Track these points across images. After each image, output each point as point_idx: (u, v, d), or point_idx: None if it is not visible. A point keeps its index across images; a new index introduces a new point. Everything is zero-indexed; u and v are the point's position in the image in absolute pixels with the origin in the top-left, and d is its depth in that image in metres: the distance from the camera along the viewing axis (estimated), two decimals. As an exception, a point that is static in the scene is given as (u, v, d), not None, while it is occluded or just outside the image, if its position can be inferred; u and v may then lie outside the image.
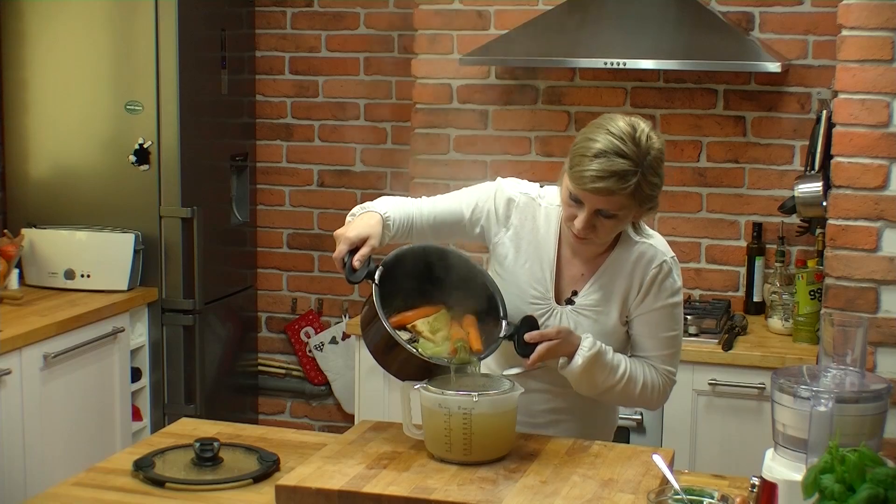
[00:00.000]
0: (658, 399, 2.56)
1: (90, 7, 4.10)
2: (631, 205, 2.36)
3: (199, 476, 2.32)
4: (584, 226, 2.37)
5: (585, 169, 2.31)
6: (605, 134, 2.33)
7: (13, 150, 4.22)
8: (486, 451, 2.30)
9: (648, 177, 2.33)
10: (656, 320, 2.51)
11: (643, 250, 2.51)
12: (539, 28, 3.82)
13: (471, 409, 2.26)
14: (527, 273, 2.53)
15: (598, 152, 2.31)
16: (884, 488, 1.70)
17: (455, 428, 2.27)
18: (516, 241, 2.55)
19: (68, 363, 3.69)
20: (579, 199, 2.35)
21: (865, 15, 2.96)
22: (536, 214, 2.55)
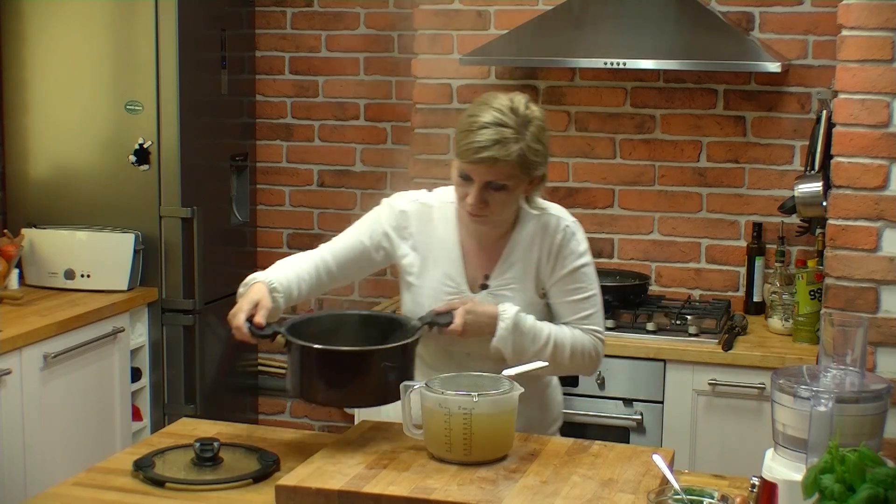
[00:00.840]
0: (591, 362, 2.63)
1: (90, 7, 4.10)
2: (518, 174, 2.44)
3: (199, 476, 2.33)
4: (475, 200, 2.44)
5: (471, 142, 2.40)
6: (487, 108, 2.43)
7: (13, 150, 4.21)
8: (486, 451, 2.30)
9: (531, 144, 2.43)
10: (570, 285, 2.59)
11: (544, 220, 2.60)
12: (539, 28, 3.82)
13: (471, 409, 2.26)
14: (438, 274, 2.59)
15: (482, 125, 2.40)
16: (884, 488, 1.70)
17: (455, 428, 2.27)
18: (420, 248, 2.60)
19: (68, 363, 3.69)
20: (468, 175, 2.44)
21: (865, 15, 2.96)
22: (432, 216, 2.62)
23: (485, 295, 2.58)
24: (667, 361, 3.55)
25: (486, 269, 2.60)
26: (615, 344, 3.57)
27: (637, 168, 4.08)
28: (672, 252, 4.07)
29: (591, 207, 4.12)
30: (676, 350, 3.54)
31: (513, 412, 2.35)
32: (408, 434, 2.38)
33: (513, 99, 2.46)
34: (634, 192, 4.08)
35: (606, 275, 3.97)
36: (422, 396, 2.32)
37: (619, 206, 4.10)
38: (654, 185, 4.06)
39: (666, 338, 3.58)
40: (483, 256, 2.60)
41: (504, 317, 2.50)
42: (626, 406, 3.59)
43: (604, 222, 4.12)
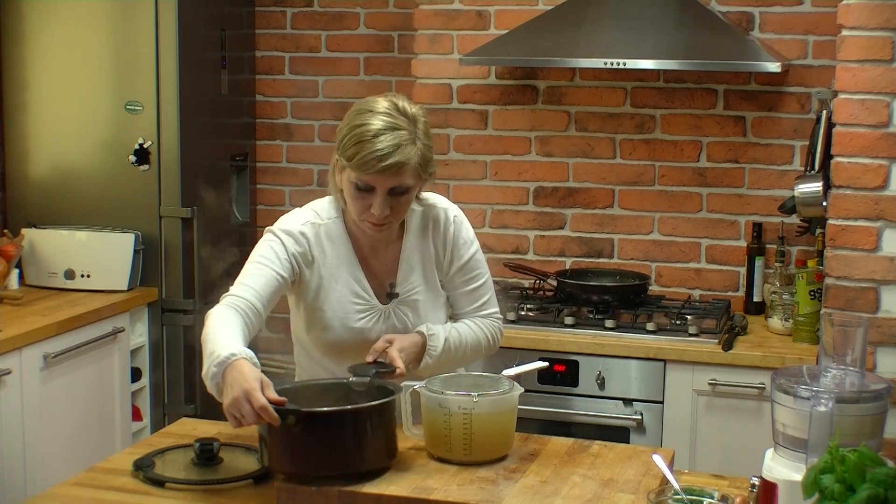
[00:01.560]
0: (495, 347, 2.69)
1: (90, 7, 4.10)
2: (419, 174, 2.41)
3: (199, 476, 2.32)
4: (382, 210, 2.38)
5: (370, 152, 2.32)
6: (373, 115, 2.36)
7: (13, 150, 4.21)
8: (486, 451, 2.30)
9: (425, 141, 2.40)
10: (466, 276, 2.61)
11: (432, 214, 2.58)
12: (539, 28, 3.82)
13: (471, 409, 2.26)
14: (344, 292, 2.52)
15: (377, 132, 2.33)
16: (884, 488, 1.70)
17: (455, 428, 2.27)
18: (322, 270, 2.51)
19: (68, 363, 3.69)
20: (369, 185, 2.36)
21: (865, 15, 2.96)
22: (321, 236, 2.52)
23: (395, 305, 2.55)
24: (667, 361, 3.55)
25: (388, 276, 2.56)
26: (615, 344, 3.57)
27: (637, 168, 4.07)
28: (672, 252, 4.07)
29: (591, 207, 4.12)
30: (676, 350, 3.53)
31: (513, 412, 2.35)
32: (408, 434, 2.38)
33: (393, 100, 2.41)
34: (634, 192, 4.08)
35: (606, 275, 3.98)
36: (422, 396, 2.32)
37: (619, 206, 4.10)
38: (654, 185, 4.06)
39: (666, 338, 3.58)
40: (381, 264, 2.55)
41: (432, 347, 2.51)
42: (626, 406, 3.59)
43: (604, 222, 4.12)
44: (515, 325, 3.67)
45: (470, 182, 4.21)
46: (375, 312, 2.54)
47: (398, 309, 2.56)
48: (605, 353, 3.58)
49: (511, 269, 4.06)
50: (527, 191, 4.17)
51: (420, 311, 2.56)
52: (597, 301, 3.78)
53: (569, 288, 3.86)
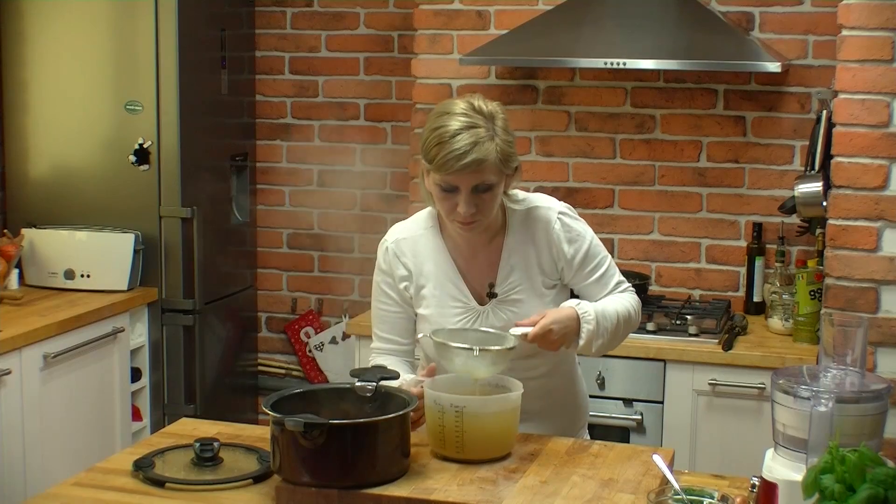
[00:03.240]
0: (639, 312, 2.65)
1: (90, 7, 4.10)
2: (500, 170, 2.43)
3: (199, 476, 2.32)
4: (468, 207, 2.41)
5: (449, 152, 2.37)
6: (450, 117, 2.41)
7: (13, 150, 4.22)
8: (479, 451, 2.30)
9: (504, 137, 2.43)
10: (588, 267, 2.59)
11: (535, 215, 2.59)
12: (539, 28, 3.82)
13: (462, 408, 2.27)
14: (442, 296, 2.56)
15: (455, 132, 2.38)
16: (884, 488, 1.70)
17: (448, 425, 2.28)
18: (419, 279, 2.58)
19: (68, 363, 3.69)
20: (452, 185, 2.41)
21: (865, 15, 2.96)
22: (417, 246, 2.59)
23: (494, 305, 2.55)
24: (667, 361, 3.55)
25: (488, 277, 2.57)
26: (615, 344, 3.57)
27: (637, 168, 4.08)
28: (672, 252, 4.07)
29: (591, 207, 4.12)
30: (676, 350, 3.54)
31: (510, 414, 2.34)
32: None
33: (470, 100, 2.45)
34: (634, 192, 4.08)
35: (606, 275, 3.98)
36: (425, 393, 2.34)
37: (619, 206, 4.10)
38: (654, 185, 4.06)
39: (666, 338, 3.58)
40: (480, 266, 2.57)
41: (587, 318, 2.48)
42: (626, 406, 3.59)
43: (604, 222, 4.12)
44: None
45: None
46: (473, 314, 2.55)
47: (497, 309, 2.55)
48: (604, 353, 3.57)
49: (511, 269, 4.06)
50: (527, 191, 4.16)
51: (521, 312, 2.53)
52: (597, 301, 3.77)
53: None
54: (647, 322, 3.63)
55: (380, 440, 2.18)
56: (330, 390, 2.46)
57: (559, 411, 2.67)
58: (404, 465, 2.24)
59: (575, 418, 2.73)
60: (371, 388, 2.31)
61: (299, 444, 2.15)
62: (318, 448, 2.14)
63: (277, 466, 2.21)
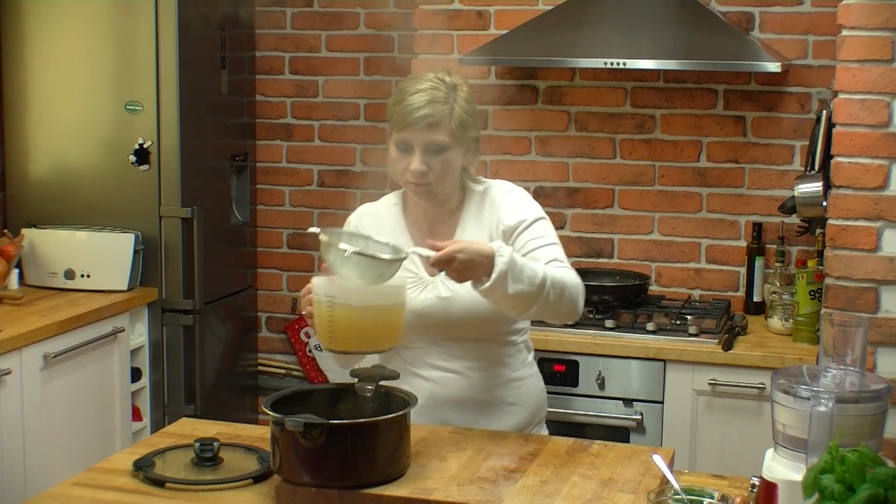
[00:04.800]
0: (579, 297, 2.51)
1: (90, 7, 4.09)
2: (455, 133, 2.50)
3: (199, 476, 2.32)
4: (419, 165, 2.49)
5: (405, 106, 2.48)
6: (416, 81, 2.54)
7: (13, 150, 4.22)
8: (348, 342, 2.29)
9: (462, 104, 2.52)
10: (529, 237, 2.56)
11: (491, 193, 2.64)
12: (539, 28, 3.82)
13: (333, 298, 2.26)
14: None
15: (414, 91, 2.50)
16: (884, 488, 1.70)
17: (321, 314, 2.28)
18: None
19: (68, 363, 3.69)
20: (407, 142, 2.50)
21: (865, 15, 2.96)
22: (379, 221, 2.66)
23: (442, 277, 2.52)
24: (667, 361, 3.55)
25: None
26: (615, 344, 3.57)
27: (637, 168, 4.08)
28: (672, 252, 4.07)
29: (591, 207, 4.12)
30: (676, 350, 3.54)
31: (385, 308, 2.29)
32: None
33: (438, 73, 2.56)
34: (634, 192, 4.08)
35: (606, 275, 3.98)
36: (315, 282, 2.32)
37: (619, 206, 4.11)
38: (654, 185, 4.06)
39: (666, 338, 3.58)
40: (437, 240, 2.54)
41: (501, 253, 2.34)
42: (626, 406, 3.59)
43: (604, 222, 4.12)
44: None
45: (470, 182, 4.20)
46: (421, 284, 2.58)
47: (446, 280, 2.51)
48: (605, 353, 3.58)
49: (511, 269, 4.06)
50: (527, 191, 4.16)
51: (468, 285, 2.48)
52: (597, 301, 3.78)
53: (569, 288, 3.85)
54: (647, 322, 3.64)
55: (380, 440, 2.18)
56: (330, 390, 2.46)
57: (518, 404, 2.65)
58: (404, 465, 2.24)
59: (534, 412, 2.71)
60: (371, 388, 2.31)
61: (299, 444, 2.15)
62: (318, 448, 2.14)
63: (277, 466, 2.21)
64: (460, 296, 2.54)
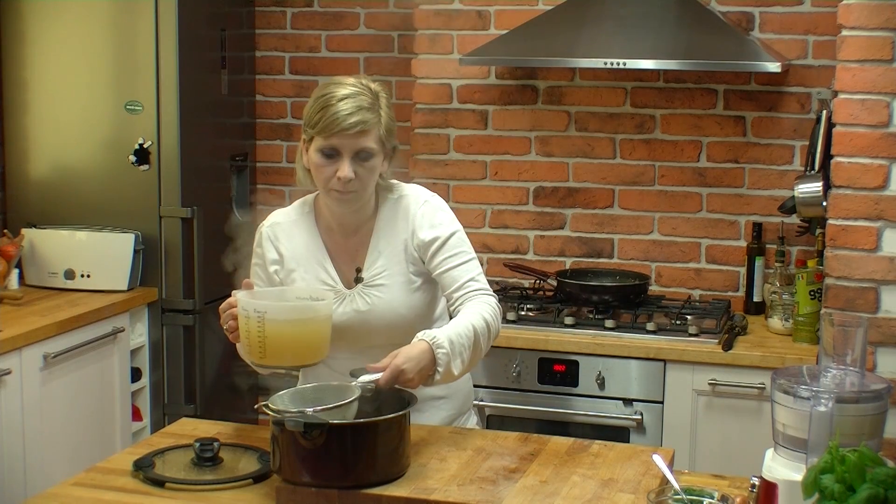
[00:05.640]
0: (498, 320, 2.56)
1: (90, 7, 4.09)
2: (382, 141, 2.50)
3: (199, 476, 2.32)
4: (348, 172, 2.46)
5: (335, 113, 2.43)
6: (338, 86, 2.49)
7: (13, 150, 4.22)
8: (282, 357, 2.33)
9: (387, 111, 2.52)
10: (446, 254, 2.57)
11: (404, 203, 2.63)
12: (539, 28, 3.82)
13: (264, 314, 2.28)
14: (312, 280, 2.60)
15: (341, 97, 2.46)
16: (884, 488, 1.70)
17: (250, 330, 2.30)
18: (290, 263, 2.62)
19: (68, 363, 3.69)
20: (335, 149, 2.46)
21: (865, 15, 2.96)
22: (292, 230, 2.65)
23: (360, 289, 2.58)
24: (667, 361, 3.55)
25: (357, 262, 2.61)
26: (615, 344, 3.57)
27: (637, 168, 4.08)
28: (672, 252, 4.07)
29: (591, 207, 4.12)
30: (676, 350, 3.54)
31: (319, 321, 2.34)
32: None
33: (358, 78, 2.55)
34: (634, 192, 4.08)
35: (606, 275, 3.98)
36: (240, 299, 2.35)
37: (619, 206, 4.11)
38: (654, 185, 4.06)
39: (666, 338, 3.58)
40: (350, 251, 2.62)
41: (439, 345, 2.36)
42: (626, 406, 3.59)
43: (604, 222, 4.12)
44: (515, 325, 3.67)
45: (470, 182, 4.21)
46: (339, 297, 2.58)
47: (363, 293, 2.58)
48: (605, 353, 3.58)
49: (511, 269, 4.06)
50: (527, 191, 4.17)
51: (386, 297, 2.58)
52: (597, 301, 3.78)
53: (569, 288, 3.86)
54: (647, 322, 3.63)
55: (380, 440, 2.18)
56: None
57: (451, 396, 2.70)
58: (404, 465, 2.24)
59: (463, 402, 2.75)
60: (371, 388, 2.31)
61: (299, 444, 2.15)
62: (318, 448, 2.14)
63: (277, 466, 2.21)
64: (377, 308, 2.57)
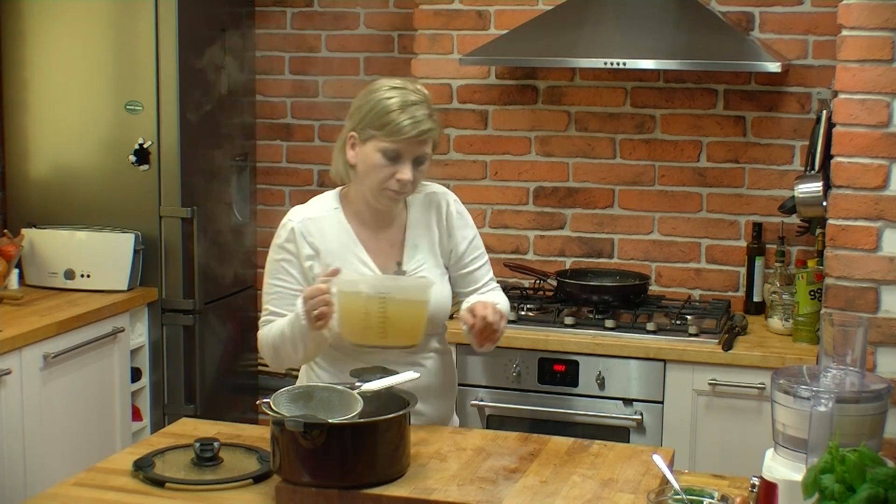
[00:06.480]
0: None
1: (90, 7, 4.09)
2: (433, 148, 2.62)
3: (199, 476, 2.33)
4: (410, 175, 2.55)
5: (403, 121, 2.51)
6: (399, 90, 2.57)
7: (13, 150, 4.22)
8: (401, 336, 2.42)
9: (437, 119, 2.62)
10: (470, 256, 2.77)
11: (433, 200, 2.75)
12: (539, 28, 3.82)
13: (386, 294, 2.37)
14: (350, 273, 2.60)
15: (403, 104, 2.53)
16: (884, 488, 1.70)
17: (370, 311, 2.36)
18: (327, 258, 2.62)
19: (68, 363, 3.69)
20: (399, 152, 2.53)
21: (865, 15, 2.96)
22: (323, 226, 2.66)
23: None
24: (667, 361, 3.55)
25: (394, 256, 2.67)
26: (615, 344, 3.57)
27: (637, 168, 4.08)
28: (672, 252, 4.08)
29: (591, 207, 4.12)
30: (676, 350, 3.54)
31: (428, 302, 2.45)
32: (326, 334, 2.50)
33: (405, 80, 2.63)
34: (634, 192, 4.08)
35: (606, 275, 3.98)
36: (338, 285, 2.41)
37: (619, 206, 4.10)
38: (654, 185, 4.06)
39: (666, 338, 3.58)
40: (383, 246, 2.68)
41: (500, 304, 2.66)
42: (626, 406, 3.59)
43: (604, 222, 4.12)
44: (515, 325, 3.67)
45: (470, 182, 4.21)
46: None
47: None
48: (605, 353, 3.58)
49: (511, 269, 4.06)
50: (527, 191, 4.17)
51: None
52: (597, 301, 3.78)
53: (569, 288, 3.86)
54: (647, 322, 3.63)
55: (380, 440, 2.18)
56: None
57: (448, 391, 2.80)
58: (404, 465, 2.24)
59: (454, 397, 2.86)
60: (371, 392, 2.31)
61: (299, 444, 2.15)
62: (318, 448, 2.14)
63: (277, 466, 2.22)
64: None
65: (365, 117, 2.55)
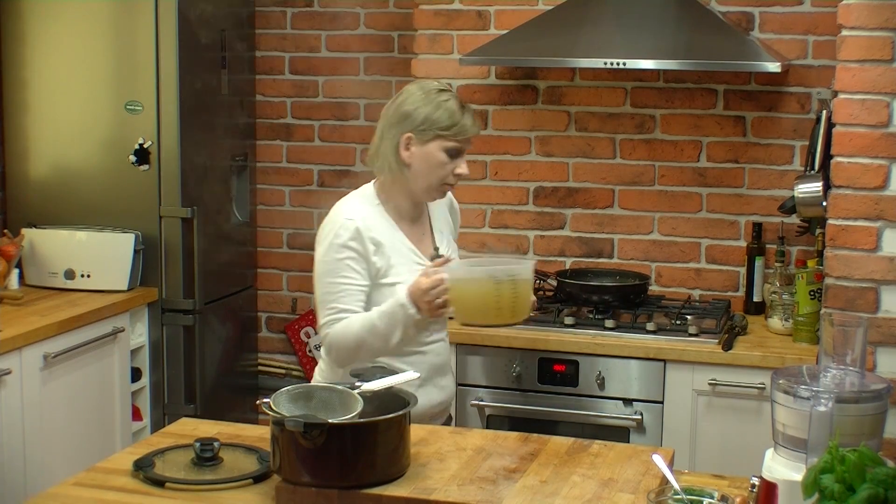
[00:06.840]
0: None
1: (90, 7, 4.10)
2: None
3: (199, 476, 2.33)
4: (467, 169, 2.81)
5: (464, 121, 2.77)
6: (444, 94, 2.79)
7: (13, 150, 4.22)
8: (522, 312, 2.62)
9: None
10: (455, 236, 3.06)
11: None
12: (539, 28, 3.82)
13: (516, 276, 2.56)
14: (408, 263, 2.79)
15: (459, 106, 2.78)
16: (884, 488, 1.70)
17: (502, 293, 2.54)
18: (385, 251, 2.77)
19: (68, 363, 3.69)
20: (460, 150, 2.78)
21: (865, 15, 2.96)
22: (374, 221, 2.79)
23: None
24: (667, 361, 3.55)
25: (429, 244, 2.87)
26: (615, 344, 3.57)
27: (637, 168, 4.08)
28: (672, 252, 4.07)
29: (591, 207, 4.12)
30: (676, 350, 3.54)
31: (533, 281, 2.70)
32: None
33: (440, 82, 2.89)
34: (634, 192, 4.08)
35: (606, 275, 3.98)
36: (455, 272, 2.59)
37: (619, 206, 4.10)
38: (654, 185, 4.06)
39: (666, 338, 3.58)
40: (417, 235, 2.87)
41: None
42: (626, 406, 3.59)
43: (604, 222, 4.12)
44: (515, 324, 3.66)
45: (470, 182, 4.20)
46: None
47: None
48: (605, 353, 3.58)
49: (511, 269, 4.06)
50: (527, 191, 4.17)
51: None
52: (597, 301, 3.78)
53: (569, 288, 3.86)
54: (647, 322, 3.63)
55: (380, 440, 2.18)
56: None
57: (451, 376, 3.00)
58: (404, 465, 2.24)
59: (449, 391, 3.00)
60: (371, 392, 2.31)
61: (299, 444, 2.15)
62: (318, 448, 2.14)
63: (277, 466, 2.22)
64: None
65: (426, 120, 2.74)
